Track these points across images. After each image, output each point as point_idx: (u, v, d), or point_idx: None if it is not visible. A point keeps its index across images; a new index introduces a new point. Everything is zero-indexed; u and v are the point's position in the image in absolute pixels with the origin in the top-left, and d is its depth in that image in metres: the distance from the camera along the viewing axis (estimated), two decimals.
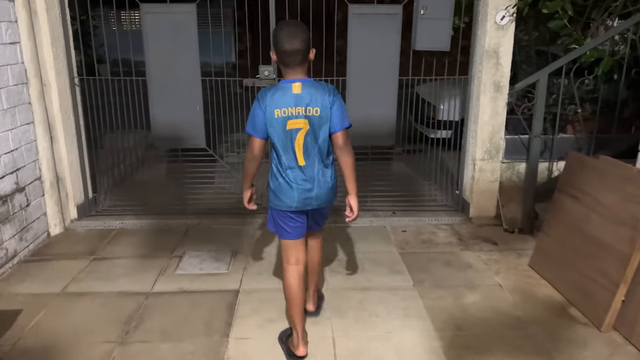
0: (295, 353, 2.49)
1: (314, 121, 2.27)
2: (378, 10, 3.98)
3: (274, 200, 2.43)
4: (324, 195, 2.42)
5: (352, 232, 3.99)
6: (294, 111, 2.25)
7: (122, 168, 5.05)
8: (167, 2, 3.91)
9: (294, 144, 2.29)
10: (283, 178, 2.35)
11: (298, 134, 2.28)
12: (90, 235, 3.93)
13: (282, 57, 2.25)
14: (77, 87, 4.12)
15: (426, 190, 4.86)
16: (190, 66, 4.04)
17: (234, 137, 4.74)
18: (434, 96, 5.83)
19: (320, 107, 2.26)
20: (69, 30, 3.97)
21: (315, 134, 2.30)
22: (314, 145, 2.31)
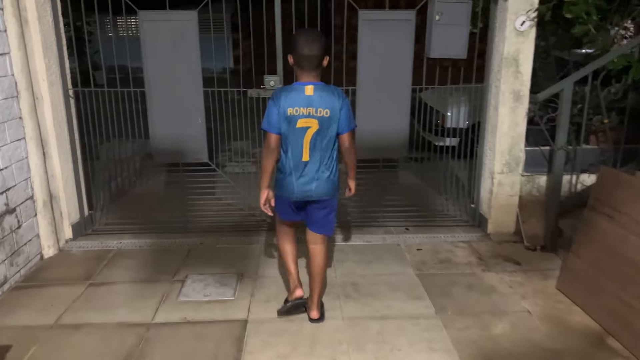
0: (294, 296, 2.83)
1: (323, 122, 2.49)
2: (390, 16, 3.77)
3: (278, 189, 2.67)
4: (323, 189, 2.61)
5: (365, 250, 3.76)
6: (305, 111, 2.47)
7: (120, 181, 4.82)
8: (166, 9, 3.68)
9: (302, 140, 2.50)
10: (286, 172, 2.58)
11: (307, 131, 2.49)
12: (86, 257, 3.69)
13: (300, 61, 2.47)
14: (72, 99, 3.88)
15: (438, 203, 4.64)
16: (192, 76, 3.82)
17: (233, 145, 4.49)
18: (440, 103, 5.61)
19: (330, 109, 2.48)
20: (62, 38, 3.74)
21: (324, 133, 2.51)
22: (321, 144, 2.53)
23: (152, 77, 3.80)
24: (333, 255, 3.69)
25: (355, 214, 4.32)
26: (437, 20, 3.64)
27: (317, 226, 2.75)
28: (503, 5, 3.64)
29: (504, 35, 3.64)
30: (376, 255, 3.68)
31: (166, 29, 3.71)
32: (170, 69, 3.79)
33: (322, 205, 2.69)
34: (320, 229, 2.75)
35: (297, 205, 2.69)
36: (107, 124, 4.00)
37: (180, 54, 3.75)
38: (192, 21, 3.70)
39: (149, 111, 3.89)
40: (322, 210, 2.71)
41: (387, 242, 3.94)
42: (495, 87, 3.83)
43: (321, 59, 2.48)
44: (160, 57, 3.76)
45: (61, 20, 3.74)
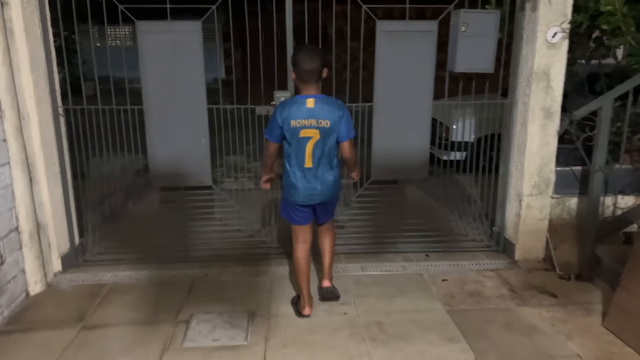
0: (302, 312, 3.00)
1: (323, 132, 2.67)
2: (410, 27, 3.49)
3: (285, 193, 2.87)
4: (327, 192, 2.83)
5: (386, 282, 3.44)
6: (307, 122, 2.65)
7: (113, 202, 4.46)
8: (167, 20, 3.36)
9: (305, 149, 2.69)
10: (292, 177, 2.78)
11: (309, 141, 2.68)
12: (77, 293, 3.32)
13: (301, 75, 2.64)
14: (62, 117, 3.53)
15: (454, 225, 4.34)
16: (195, 92, 3.50)
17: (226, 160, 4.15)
18: (445, 115, 5.34)
19: (330, 120, 2.66)
20: (51, 52, 3.40)
21: (324, 142, 2.71)
22: (322, 152, 2.72)
23: (151, 93, 3.48)
24: (350, 287, 3.36)
25: (371, 239, 4.00)
26: (462, 31, 3.36)
27: (324, 218, 3.03)
28: (532, 15, 3.37)
29: (534, 47, 3.37)
30: (399, 288, 3.36)
31: (167, 41, 3.40)
32: (171, 85, 3.47)
33: (326, 205, 2.94)
34: (326, 219, 3.05)
35: (305, 207, 2.87)
36: (100, 139, 3.66)
37: (182, 68, 3.44)
38: (195, 32, 3.40)
39: (148, 130, 3.55)
40: (326, 209, 2.99)
41: (408, 271, 3.62)
42: (523, 103, 3.55)
43: (320, 72, 2.65)
44: (160, 72, 3.45)
45: (50, 31, 3.40)
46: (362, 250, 3.90)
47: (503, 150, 3.85)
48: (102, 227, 4.08)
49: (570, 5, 3.30)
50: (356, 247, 3.93)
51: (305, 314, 3.00)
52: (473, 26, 3.37)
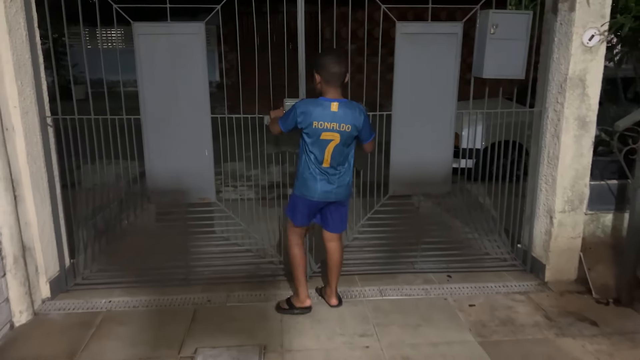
0: (304, 305, 3.04)
1: (344, 135, 2.71)
2: (432, 29, 3.19)
3: (299, 188, 2.84)
4: (342, 192, 2.85)
5: (408, 308, 3.14)
6: (330, 125, 2.68)
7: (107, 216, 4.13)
8: (167, 21, 3.05)
9: (324, 150, 2.72)
10: (311, 172, 2.77)
11: (330, 144, 2.71)
12: (68, 324, 2.99)
13: (328, 77, 2.66)
14: (51, 128, 3.21)
15: (472, 240, 4.05)
16: (197, 100, 3.18)
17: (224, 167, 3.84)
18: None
19: (352, 125, 2.70)
20: (38, 56, 3.07)
21: (343, 145, 2.75)
22: (341, 154, 2.76)
23: (149, 101, 3.16)
24: (369, 315, 3.06)
25: (387, 258, 3.69)
26: (491, 34, 3.07)
27: (334, 227, 2.98)
28: (567, 17, 3.09)
29: (569, 51, 3.09)
30: (423, 315, 3.06)
31: (166, 44, 3.08)
32: (171, 92, 3.15)
33: (339, 207, 2.92)
34: (337, 229, 3.00)
35: (315, 207, 2.87)
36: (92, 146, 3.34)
37: (183, 73, 3.13)
38: (198, 35, 3.08)
39: (145, 141, 3.24)
40: (338, 212, 2.94)
41: (431, 295, 3.32)
42: (555, 112, 3.27)
43: (345, 76, 2.69)
44: (159, 78, 3.13)
45: (37, 33, 3.08)
46: (378, 270, 3.60)
47: (531, 162, 3.56)
48: (94, 245, 3.75)
49: (609, 6, 3.03)
50: (372, 267, 3.62)
51: (307, 305, 3.05)
52: (503, 28, 3.08)
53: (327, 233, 3.02)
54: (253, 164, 4.02)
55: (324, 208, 2.93)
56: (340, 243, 3.06)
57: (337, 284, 3.14)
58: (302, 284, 3.05)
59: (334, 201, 2.87)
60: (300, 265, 3.03)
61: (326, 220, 2.98)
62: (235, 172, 5.57)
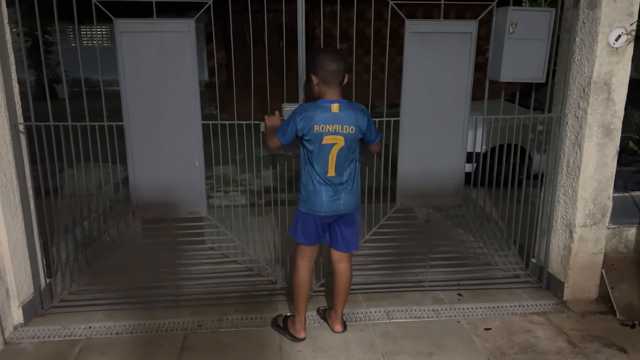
0: (297, 336, 2.78)
1: (348, 138, 2.49)
2: (444, 28, 2.93)
3: (304, 203, 2.59)
4: (351, 201, 2.60)
5: (419, 332, 2.87)
6: (331, 128, 2.46)
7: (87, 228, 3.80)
8: (153, 17, 2.75)
9: (327, 156, 2.50)
10: (315, 184, 2.54)
11: (332, 148, 2.49)
12: (42, 355, 2.68)
13: (326, 76, 2.45)
14: (23, 135, 2.89)
15: (479, 252, 3.79)
16: (187, 106, 2.87)
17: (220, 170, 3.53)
18: None
19: (355, 127, 2.49)
20: (9, 55, 2.75)
21: (348, 149, 2.52)
22: (346, 159, 2.53)
23: (133, 107, 2.84)
24: (376, 342, 2.79)
25: (392, 275, 3.42)
26: (510, 33, 2.81)
27: (344, 245, 2.72)
28: (591, 15, 2.84)
29: (593, 53, 2.85)
30: (435, 341, 2.79)
31: (152, 43, 2.77)
32: (157, 97, 2.84)
33: (349, 221, 2.66)
34: (348, 248, 2.73)
35: (324, 223, 2.63)
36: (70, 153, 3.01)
37: (170, 76, 2.82)
38: (188, 33, 2.77)
39: (129, 151, 2.92)
40: (349, 228, 2.69)
41: (442, 317, 3.06)
42: (577, 118, 3.02)
43: (344, 74, 2.49)
44: (144, 81, 2.81)
45: (8, 30, 2.76)
46: (383, 289, 3.33)
47: (547, 172, 3.31)
48: (73, 262, 3.42)
49: (637, 3, 2.78)
50: (375, 285, 3.35)
51: (301, 337, 2.79)
52: (522, 27, 2.82)
53: (337, 253, 2.74)
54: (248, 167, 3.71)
55: (333, 224, 2.66)
56: (350, 264, 2.79)
57: (343, 309, 2.87)
58: (301, 314, 2.78)
59: (343, 214, 2.61)
60: (302, 294, 2.75)
61: (336, 238, 2.70)
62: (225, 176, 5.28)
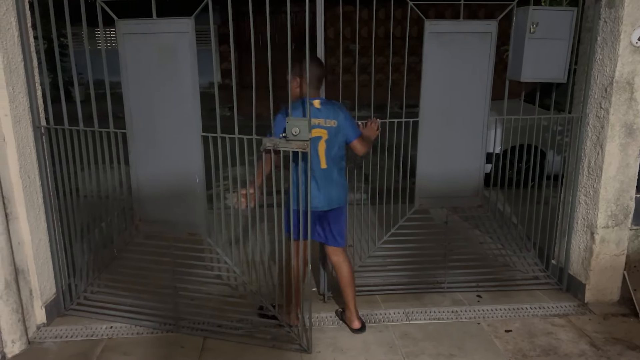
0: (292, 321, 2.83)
1: (331, 131, 2.66)
2: (464, 28, 2.91)
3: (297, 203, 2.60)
4: (342, 194, 2.77)
5: (438, 334, 2.86)
6: (316, 121, 2.61)
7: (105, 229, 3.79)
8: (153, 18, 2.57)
9: (317, 149, 2.64)
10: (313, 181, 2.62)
11: (320, 141, 2.64)
12: (65, 355, 2.72)
13: (313, 80, 2.56)
14: (44, 137, 2.91)
15: (497, 253, 3.75)
16: (185, 116, 2.64)
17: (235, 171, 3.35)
18: None
19: (336, 120, 2.67)
20: (32, 58, 2.79)
21: (333, 142, 2.68)
22: (332, 152, 2.68)
23: (135, 114, 2.69)
24: (396, 343, 2.78)
25: (411, 277, 3.40)
26: (531, 33, 2.79)
27: (336, 239, 2.83)
28: (612, 14, 2.81)
29: (616, 52, 2.81)
30: (456, 343, 2.78)
31: (151, 45, 2.60)
32: (157, 104, 2.67)
33: (339, 213, 2.81)
34: (340, 242, 2.84)
35: (318, 217, 2.74)
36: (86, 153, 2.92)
37: (169, 81, 2.62)
38: (187, 33, 2.54)
39: (132, 161, 2.77)
40: (339, 220, 2.81)
41: (462, 318, 3.05)
42: (598, 118, 2.99)
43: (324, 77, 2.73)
44: (145, 87, 2.65)
45: (31, 34, 2.80)
46: (401, 290, 3.32)
47: (567, 173, 3.28)
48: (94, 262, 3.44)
49: None
50: (394, 286, 3.34)
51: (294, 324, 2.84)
52: (543, 26, 2.80)
53: (331, 248, 2.86)
54: None
55: (323, 217, 2.76)
56: (347, 257, 2.88)
57: (355, 303, 2.90)
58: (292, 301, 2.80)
59: (335, 207, 2.75)
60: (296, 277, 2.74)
61: (327, 232, 2.81)
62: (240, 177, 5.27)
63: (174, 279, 2.93)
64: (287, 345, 2.75)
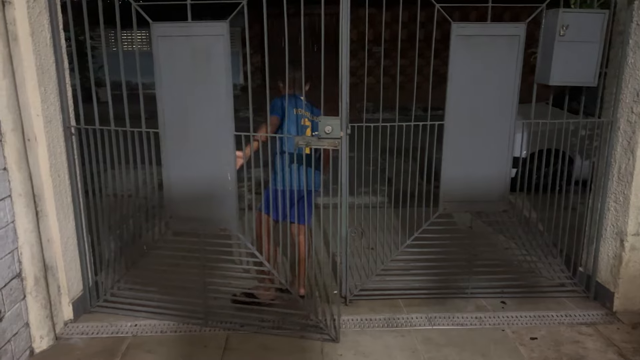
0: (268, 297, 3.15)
1: (314, 125, 3.03)
2: (492, 31, 2.87)
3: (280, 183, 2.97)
4: (318, 179, 3.08)
5: (462, 340, 2.82)
6: (304, 112, 3.03)
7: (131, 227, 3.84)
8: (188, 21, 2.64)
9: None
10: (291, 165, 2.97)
11: (307, 130, 3.03)
12: (92, 351, 2.76)
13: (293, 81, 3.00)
14: (74, 137, 2.97)
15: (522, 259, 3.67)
16: (219, 115, 2.72)
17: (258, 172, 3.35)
18: None
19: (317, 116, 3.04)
20: (63, 60, 2.85)
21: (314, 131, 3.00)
22: None
23: (168, 115, 2.76)
24: (419, 348, 2.76)
25: (433, 282, 3.37)
26: (561, 35, 2.74)
27: (302, 217, 3.10)
28: None
29: None
30: (480, 350, 2.75)
31: (186, 47, 2.67)
32: (191, 105, 2.74)
33: (311, 196, 3.03)
34: (305, 220, 3.11)
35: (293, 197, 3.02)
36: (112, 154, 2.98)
37: (203, 83, 2.69)
38: (222, 36, 2.62)
39: (164, 160, 2.84)
40: (309, 201, 2.99)
41: (486, 324, 3.00)
42: (629, 123, 2.92)
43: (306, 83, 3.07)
44: (179, 88, 2.72)
45: (62, 36, 2.86)
46: (424, 294, 3.29)
47: (596, 179, 3.21)
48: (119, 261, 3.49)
49: None
50: (417, 291, 3.31)
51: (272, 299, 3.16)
52: (573, 29, 2.75)
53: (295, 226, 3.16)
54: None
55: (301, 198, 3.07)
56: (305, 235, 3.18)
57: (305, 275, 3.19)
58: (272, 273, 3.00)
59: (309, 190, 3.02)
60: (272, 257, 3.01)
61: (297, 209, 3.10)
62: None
63: (204, 274, 2.99)
64: (315, 336, 2.82)
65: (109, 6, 2.73)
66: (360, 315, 3.07)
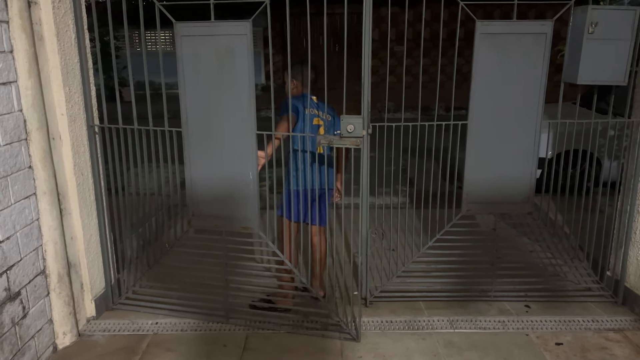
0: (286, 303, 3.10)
1: (327, 124, 3.01)
2: (517, 29, 2.81)
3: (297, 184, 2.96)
4: (332, 178, 3.00)
5: (485, 344, 2.77)
6: (316, 112, 3.00)
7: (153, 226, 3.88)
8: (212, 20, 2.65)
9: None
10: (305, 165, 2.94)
11: (319, 129, 2.98)
12: (113, 348, 2.79)
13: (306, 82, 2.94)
14: (97, 136, 3.00)
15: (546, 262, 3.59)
16: (241, 115, 2.73)
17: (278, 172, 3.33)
18: None
19: (331, 116, 3.05)
20: (88, 60, 2.88)
21: (328, 133, 2.97)
22: None
23: (191, 114, 2.78)
24: (440, 352, 2.71)
25: (455, 284, 3.32)
26: (590, 33, 2.66)
27: (321, 219, 3.10)
28: None
29: None
30: (503, 354, 2.69)
31: (209, 47, 2.68)
32: (214, 104, 2.76)
33: (328, 195, 3.06)
34: (323, 222, 3.12)
35: (311, 197, 2.99)
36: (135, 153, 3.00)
37: (226, 82, 2.71)
38: (245, 36, 2.62)
39: (186, 158, 2.87)
40: (326, 201, 3.07)
41: (509, 329, 2.94)
42: None
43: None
44: (202, 87, 2.75)
45: (87, 36, 2.90)
46: (446, 297, 3.24)
47: (625, 180, 3.12)
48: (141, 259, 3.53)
49: None
50: (438, 293, 3.26)
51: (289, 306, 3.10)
52: (603, 26, 2.67)
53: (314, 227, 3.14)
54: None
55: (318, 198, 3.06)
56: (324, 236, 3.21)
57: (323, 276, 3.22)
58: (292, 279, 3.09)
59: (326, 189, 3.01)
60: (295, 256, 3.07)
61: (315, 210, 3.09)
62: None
63: (225, 272, 3.01)
64: (336, 335, 2.82)
65: (133, 7, 2.75)
66: (381, 317, 3.04)
